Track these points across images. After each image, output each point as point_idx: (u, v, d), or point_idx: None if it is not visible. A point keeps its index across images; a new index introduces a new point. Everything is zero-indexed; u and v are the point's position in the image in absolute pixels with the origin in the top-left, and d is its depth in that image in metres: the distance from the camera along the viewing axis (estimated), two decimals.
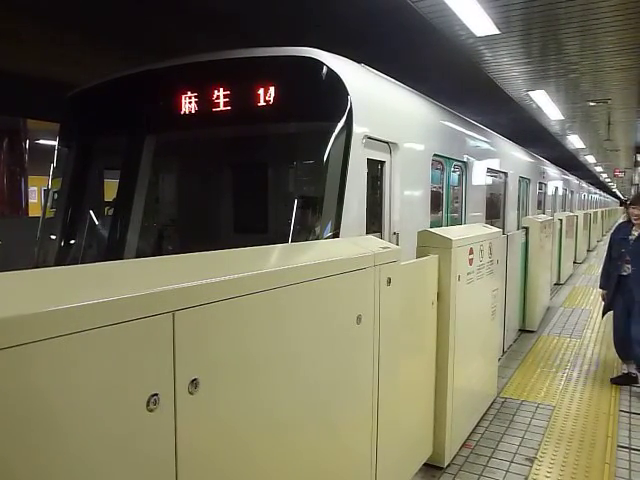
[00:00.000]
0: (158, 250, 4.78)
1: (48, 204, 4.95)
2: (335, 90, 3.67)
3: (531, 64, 8.02)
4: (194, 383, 1.48)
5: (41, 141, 15.77)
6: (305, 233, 3.57)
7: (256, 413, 1.76)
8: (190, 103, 4.11)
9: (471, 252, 3.96)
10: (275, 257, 2.17)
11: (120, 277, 1.54)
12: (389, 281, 2.58)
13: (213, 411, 1.58)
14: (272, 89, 3.76)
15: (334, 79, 3.66)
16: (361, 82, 4.13)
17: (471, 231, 4.24)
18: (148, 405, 1.36)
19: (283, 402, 1.90)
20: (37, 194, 21.89)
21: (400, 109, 4.84)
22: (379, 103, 4.37)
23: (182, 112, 4.14)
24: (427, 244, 3.63)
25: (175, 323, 1.41)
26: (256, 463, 1.79)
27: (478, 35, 6.43)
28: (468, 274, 3.92)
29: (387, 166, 4.36)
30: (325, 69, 3.69)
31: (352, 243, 2.56)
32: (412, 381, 3.29)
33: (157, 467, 1.42)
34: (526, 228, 7.50)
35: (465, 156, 6.34)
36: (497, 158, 8.17)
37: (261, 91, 3.78)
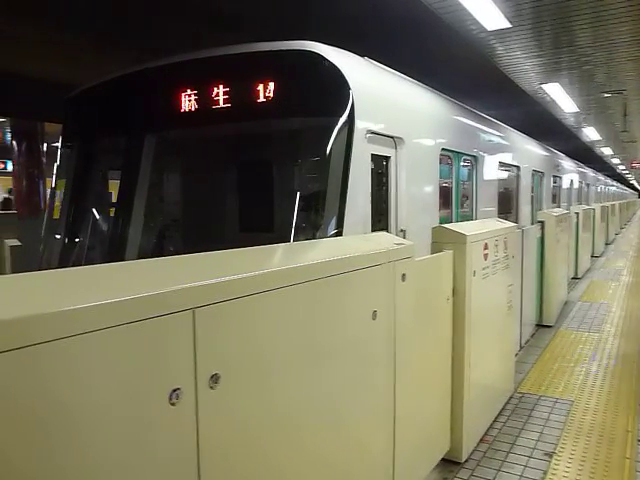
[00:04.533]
0: (160, 250, 4.79)
1: (54, 204, 4.98)
2: (336, 84, 3.58)
3: (543, 57, 7.95)
4: (214, 378, 1.52)
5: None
6: (306, 232, 3.51)
7: (274, 408, 1.80)
8: (189, 101, 4.09)
9: (486, 247, 3.95)
10: (290, 255, 2.20)
11: (140, 276, 1.58)
12: (404, 277, 2.60)
13: (233, 405, 1.61)
14: (271, 84, 3.70)
15: (335, 73, 3.58)
16: (364, 75, 4.05)
17: (486, 226, 4.23)
18: (170, 399, 1.40)
19: (300, 397, 1.93)
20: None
21: (406, 103, 4.75)
22: (383, 97, 4.28)
23: (181, 110, 4.11)
24: (442, 240, 3.63)
25: (195, 320, 1.45)
26: (274, 458, 1.83)
27: (489, 29, 6.40)
28: (483, 269, 3.92)
29: (392, 161, 4.26)
30: (325, 62, 3.61)
31: (366, 240, 2.58)
32: (428, 376, 3.30)
33: (179, 460, 1.46)
34: (542, 222, 7.44)
35: (475, 150, 6.22)
36: (509, 151, 8.08)
37: (259, 87, 3.72)
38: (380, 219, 4.13)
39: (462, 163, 5.97)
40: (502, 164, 7.48)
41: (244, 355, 1.65)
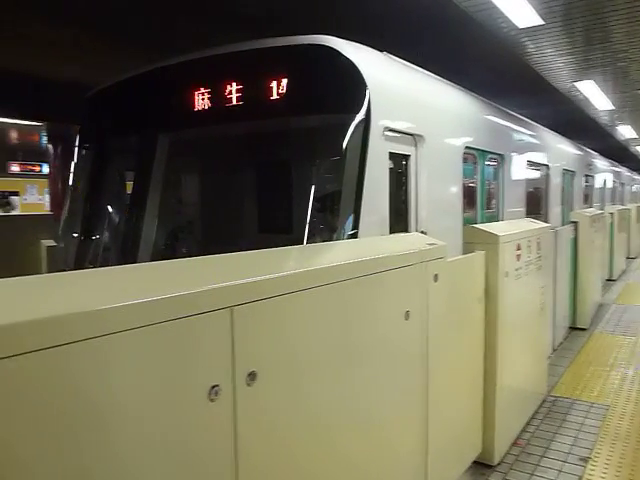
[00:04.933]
0: (173, 251, 4.76)
1: (71, 204, 4.97)
2: (351, 79, 3.43)
3: (576, 54, 7.78)
4: (251, 375, 1.55)
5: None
6: (318, 234, 3.39)
7: (307, 407, 1.81)
8: (202, 99, 4.01)
9: (518, 248, 3.90)
10: (323, 255, 2.22)
11: (175, 275, 1.62)
12: (436, 277, 2.59)
13: (268, 403, 1.64)
14: (283, 81, 3.56)
15: (350, 67, 3.43)
16: (382, 71, 3.91)
17: (518, 226, 4.18)
18: (209, 395, 1.44)
19: (333, 397, 1.94)
20: None
21: (427, 99, 4.57)
22: (403, 93, 4.12)
23: (192, 109, 4.04)
24: (473, 240, 3.60)
25: (233, 318, 1.48)
26: (307, 456, 1.84)
27: (520, 27, 6.29)
28: (516, 270, 3.86)
29: (412, 160, 4.08)
30: (340, 57, 3.44)
31: (399, 240, 2.58)
32: (460, 378, 3.28)
33: (217, 456, 1.48)
34: (575, 223, 7.28)
35: (502, 148, 6.02)
36: (538, 150, 7.87)
37: (271, 84, 3.59)
38: (399, 220, 3.98)
39: (488, 162, 5.81)
40: (530, 163, 7.30)
41: (279, 354, 1.68)
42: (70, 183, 5.08)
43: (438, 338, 2.63)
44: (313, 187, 3.57)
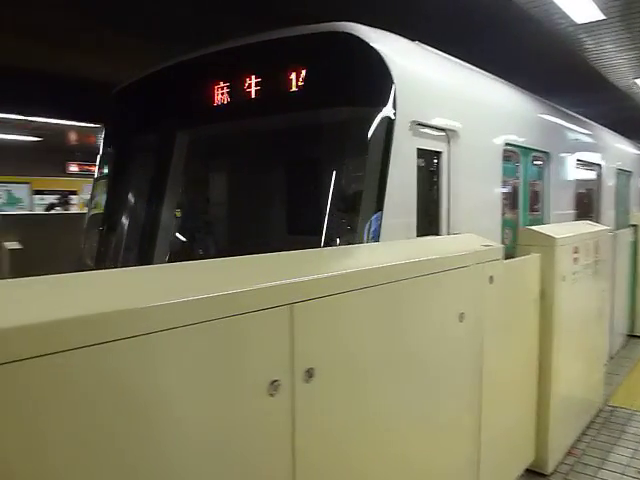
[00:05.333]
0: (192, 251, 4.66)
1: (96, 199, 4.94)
2: (374, 69, 3.19)
3: (637, 49, 7.44)
4: (309, 372, 1.56)
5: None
6: (336, 237, 3.16)
7: (362, 407, 1.82)
8: (221, 94, 3.83)
9: (576, 251, 3.77)
10: (379, 254, 2.22)
11: (230, 273, 1.65)
12: (492, 279, 2.54)
13: (326, 401, 1.65)
14: (301, 73, 3.33)
15: (373, 56, 3.18)
16: (411, 60, 3.65)
17: (576, 229, 4.04)
18: (269, 390, 1.46)
19: (386, 398, 1.94)
20: None
21: (463, 92, 4.23)
22: (435, 85, 3.85)
23: (210, 105, 3.88)
24: (529, 242, 3.50)
25: (293, 315, 1.50)
26: (360, 456, 1.85)
27: (579, 22, 6.08)
28: (572, 274, 3.73)
29: (444, 157, 3.78)
30: (362, 45, 3.21)
31: (453, 240, 2.55)
32: (514, 382, 3.20)
33: (276, 448, 1.51)
34: (635, 226, 6.96)
35: (548, 146, 5.57)
36: (589, 149, 7.45)
37: (288, 76, 3.37)
38: (429, 223, 3.71)
39: (532, 160, 5.42)
40: (581, 162, 6.93)
41: (336, 352, 1.69)
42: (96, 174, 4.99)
43: (493, 341, 2.58)
44: (329, 187, 3.32)
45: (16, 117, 10.56)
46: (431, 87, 3.79)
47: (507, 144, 4.67)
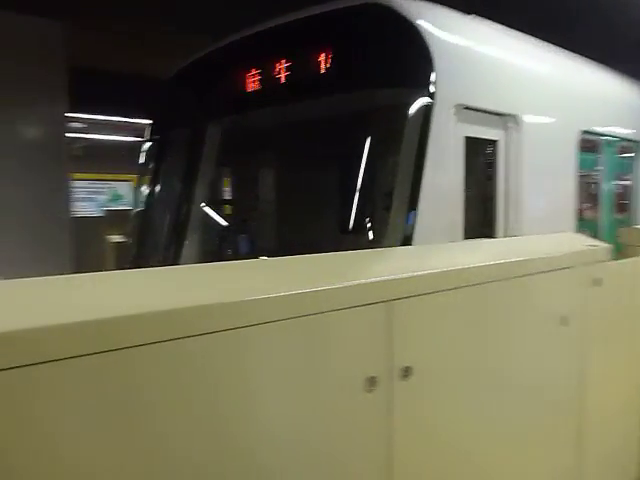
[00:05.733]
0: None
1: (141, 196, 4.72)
2: (408, 45, 2.83)
3: None
4: (407, 370, 1.55)
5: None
6: (363, 240, 2.86)
7: (461, 409, 1.77)
8: (252, 82, 3.56)
9: None
10: (475, 253, 2.15)
11: (336, 268, 1.67)
12: (597, 281, 2.38)
13: (423, 400, 1.63)
14: (331, 52, 3.01)
15: (408, 29, 2.81)
16: (458, 36, 3.23)
17: None
18: (367, 386, 1.47)
19: (484, 402, 1.88)
20: None
21: (526, 71, 3.71)
22: (490, 64, 3.41)
23: (240, 95, 3.64)
24: (634, 242, 3.24)
25: (392, 312, 1.50)
26: (458, 459, 1.80)
27: None
28: None
29: (501, 147, 3.31)
30: (396, 17, 2.84)
31: (555, 240, 2.42)
32: (618, 394, 2.99)
33: (373, 443, 1.51)
34: None
35: (638, 133, 4.91)
36: None
37: (315, 57, 3.03)
38: (481, 223, 3.31)
39: (616, 150, 4.75)
40: None
41: (432, 351, 1.66)
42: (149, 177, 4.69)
43: (597, 347, 2.43)
44: (356, 184, 2.97)
45: (118, 119, 11.35)
46: (485, 66, 3.36)
47: (585, 132, 4.09)
